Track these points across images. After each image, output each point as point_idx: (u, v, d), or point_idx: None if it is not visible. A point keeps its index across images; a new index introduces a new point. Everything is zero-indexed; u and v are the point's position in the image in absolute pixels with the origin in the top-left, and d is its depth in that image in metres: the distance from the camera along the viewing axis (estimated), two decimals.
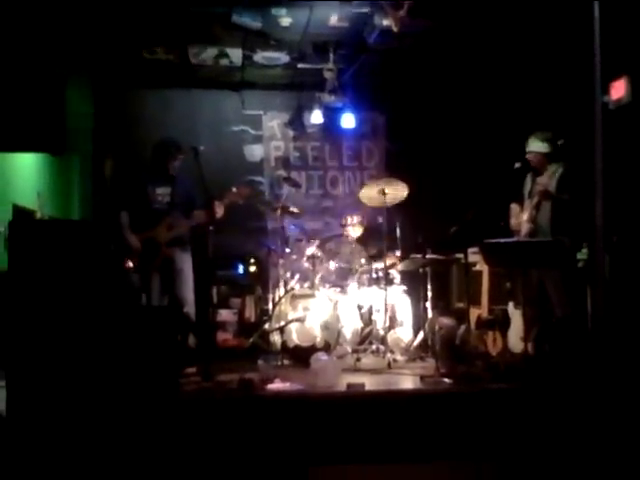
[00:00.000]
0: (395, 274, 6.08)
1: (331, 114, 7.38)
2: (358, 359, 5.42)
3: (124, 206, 5.39)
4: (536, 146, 5.06)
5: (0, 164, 5.31)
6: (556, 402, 4.16)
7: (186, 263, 5.40)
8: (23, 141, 4.74)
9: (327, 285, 6.09)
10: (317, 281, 5.99)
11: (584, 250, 5.06)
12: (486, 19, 5.74)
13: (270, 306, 6.16)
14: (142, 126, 7.33)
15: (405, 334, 5.84)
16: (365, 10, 5.67)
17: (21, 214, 5.42)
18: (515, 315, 5.27)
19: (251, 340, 5.84)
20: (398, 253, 6.09)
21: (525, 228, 5.04)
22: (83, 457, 3.55)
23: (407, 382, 4.83)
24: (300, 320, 5.55)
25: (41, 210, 5.97)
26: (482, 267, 5.84)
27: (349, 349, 5.73)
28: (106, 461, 3.56)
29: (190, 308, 5.30)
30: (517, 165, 5.12)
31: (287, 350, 5.49)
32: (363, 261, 6.22)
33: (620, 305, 4.38)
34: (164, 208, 5.37)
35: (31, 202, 5.82)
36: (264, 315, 6.38)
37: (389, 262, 5.85)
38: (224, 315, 6.42)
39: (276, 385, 4.44)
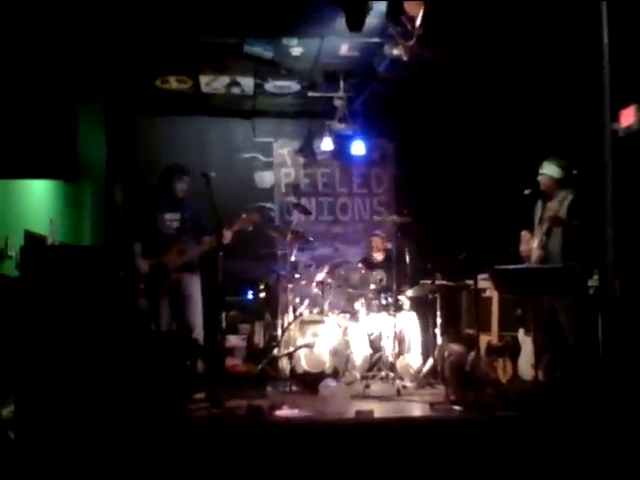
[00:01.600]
0: (404, 300, 6.06)
1: (341, 141, 7.45)
2: (367, 386, 5.38)
3: (136, 234, 5.43)
4: (550, 170, 5.06)
5: (13, 191, 5.38)
6: (567, 430, 4.10)
7: (195, 288, 5.42)
8: (36, 168, 4.80)
9: (336, 311, 6.08)
10: (326, 307, 5.98)
11: (595, 276, 5.03)
12: (495, 47, 5.79)
13: (279, 332, 6.15)
14: (154, 153, 7.41)
15: (414, 360, 5.80)
16: (375, 40, 5.74)
17: (32, 240, 5.47)
18: (525, 342, 5.23)
19: (260, 366, 5.82)
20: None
21: (535, 255, 5.02)
22: None
23: (416, 409, 4.79)
24: (309, 346, 5.53)
25: (53, 236, 6.03)
26: (492, 293, 5.81)
27: (358, 375, 5.70)
28: None
29: (199, 333, 5.30)
30: (527, 191, 5.12)
31: (296, 376, 5.47)
32: (372, 287, 6.21)
33: (632, 331, 4.34)
34: (173, 233, 5.41)
35: (43, 228, 5.87)
36: (273, 341, 6.36)
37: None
38: (233, 341, 6.42)
39: (285, 412, 4.42)
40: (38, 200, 5.91)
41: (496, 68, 6.20)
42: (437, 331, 5.75)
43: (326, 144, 7.45)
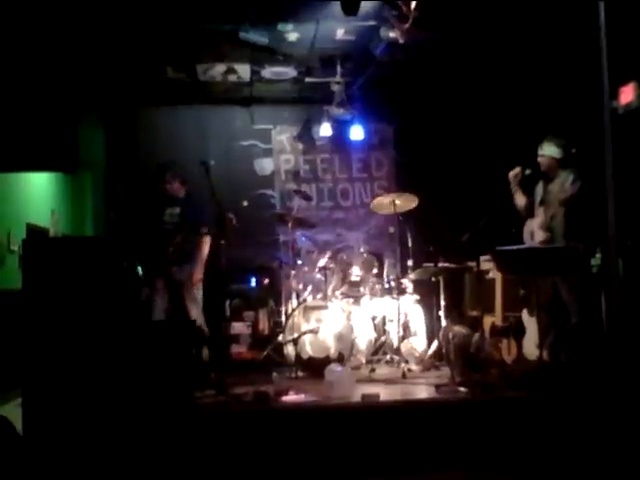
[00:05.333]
0: (407, 283, 6.07)
1: (340, 126, 7.43)
2: (372, 369, 5.41)
3: (137, 226, 5.51)
4: (550, 150, 5.05)
5: (15, 184, 5.39)
6: (573, 410, 4.12)
7: (188, 278, 5.45)
8: (36, 161, 4.81)
9: (340, 296, 6.09)
10: (329, 292, 5.99)
11: (598, 255, 5.03)
12: (492, 28, 5.75)
13: (283, 318, 6.17)
14: (153, 143, 7.40)
15: (419, 343, 5.81)
16: (371, 23, 5.71)
17: (35, 233, 5.49)
18: (530, 322, 5.24)
19: (265, 353, 5.84)
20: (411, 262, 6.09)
21: (539, 236, 5.01)
22: (99, 474, 3.56)
23: (422, 392, 4.80)
24: (313, 332, 5.54)
25: (55, 228, 6.04)
26: (495, 274, 5.81)
27: (363, 360, 5.72)
28: (122, 475, 3.57)
29: (199, 322, 5.33)
30: (528, 172, 5.12)
31: (301, 362, 5.49)
32: (375, 271, 6.21)
33: (635, 310, 4.34)
34: (170, 228, 5.46)
35: (45, 221, 5.89)
36: (277, 327, 6.38)
37: None
38: (237, 328, 6.43)
39: (291, 397, 4.44)
40: (39, 193, 5.92)
41: (493, 48, 6.16)
42: (441, 313, 5.76)
43: (325, 130, 7.43)
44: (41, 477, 3.54)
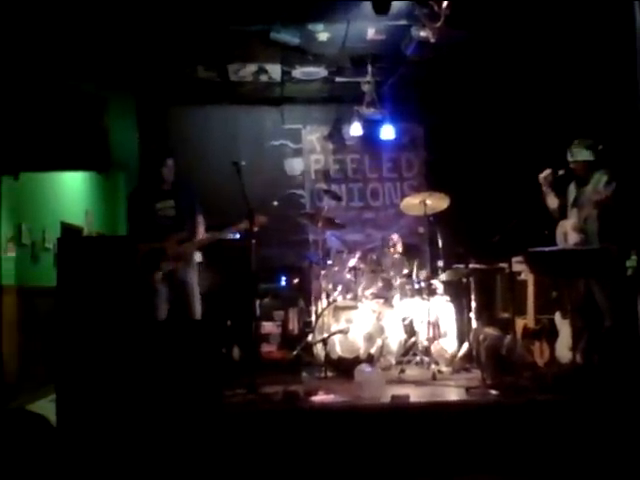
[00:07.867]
0: (438, 284, 6.03)
1: (370, 126, 7.42)
2: (402, 370, 5.39)
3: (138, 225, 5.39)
4: (581, 155, 4.94)
5: (50, 184, 5.48)
6: (606, 414, 4.06)
7: (190, 276, 5.26)
8: (68, 160, 4.87)
9: (370, 296, 6.08)
10: (360, 292, 5.98)
11: (633, 257, 4.94)
12: (524, 27, 5.70)
13: (313, 318, 6.17)
14: (185, 143, 7.46)
15: (449, 345, 5.77)
16: (402, 22, 5.69)
17: (69, 231, 5.57)
18: (562, 325, 5.16)
19: (295, 352, 5.85)
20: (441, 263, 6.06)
21: (573, 237, 4.94)
22: (130, 469, 3.60)
23: (452, 393, 4.76)
24: (343, 332, 5.54)
25: (89, 227, 6.13)
26: (527, 276, 5.74)
27: (393, 360, 5.69)
28: (152, 471, 3.61)
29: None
30: (560, 172, 5.04)
31: (331, 362, 5.48)
32: (405, 272, 6.19)
33: None
34: (167, 222, 5.17)
35: (80, 220, 5.98)
36: (307, 327, 6.39)
37: None
38: (267, 327, 6.46)
39: (320, 397, 4.44)
40: (74, 192, 6.02)
41: (525, 47, 6.10)
42: (472, 315, 5.71)
43: (355, 129, 7.43)
44: (76, 472, 3.60)
